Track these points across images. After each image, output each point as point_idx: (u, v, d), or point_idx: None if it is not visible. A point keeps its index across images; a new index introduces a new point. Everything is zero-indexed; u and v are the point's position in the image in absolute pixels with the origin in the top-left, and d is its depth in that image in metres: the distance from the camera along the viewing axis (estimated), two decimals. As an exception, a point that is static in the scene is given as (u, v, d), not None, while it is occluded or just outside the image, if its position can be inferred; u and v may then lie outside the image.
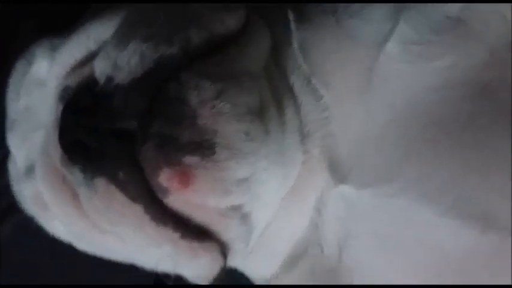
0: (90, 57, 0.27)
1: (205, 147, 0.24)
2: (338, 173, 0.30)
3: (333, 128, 0.30)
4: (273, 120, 0.28)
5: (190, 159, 0.24)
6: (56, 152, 0.26)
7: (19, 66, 0.32)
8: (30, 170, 0.31)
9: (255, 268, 0.35)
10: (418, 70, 0.29)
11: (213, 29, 0.27)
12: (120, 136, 0.25)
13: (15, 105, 0.32)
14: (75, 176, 0.26)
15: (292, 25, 0.32)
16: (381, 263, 0.30)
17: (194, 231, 0.27)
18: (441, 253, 0.29)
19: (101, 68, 0.25)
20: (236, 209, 0.27)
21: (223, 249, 0.28)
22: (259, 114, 0.27)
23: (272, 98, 0.29)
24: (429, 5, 0.28)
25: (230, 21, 0.28)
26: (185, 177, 0.24)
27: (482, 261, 0.28)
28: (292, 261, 0.33)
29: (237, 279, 0.37)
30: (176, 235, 0.26)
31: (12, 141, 0.32)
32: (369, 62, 0.29)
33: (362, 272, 0.31)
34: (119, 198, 0.25)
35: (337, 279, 0.32)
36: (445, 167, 0.28)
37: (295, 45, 0.31)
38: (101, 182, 0.25)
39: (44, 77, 0.30)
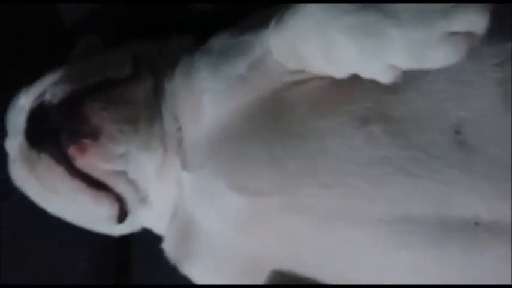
0: (43, 93, 0.47)
1: (93, 135, 0.44)
2: (182, 162, 0.48)
3: (182, 136, 0.48)
4: (143, 126, 0.47)
5: (85, 140, 0.44)
6: (23, 142, 0.47)
7: (14, 101, 0.51)
8: (14, 160, 0.50)
9: (155, 225, 0.53)
10: (220, 106, 0.46)
11: (108, 75, 0.48)
12: (53, 133, 0.45)
13: (10, 125, 0.51)
14: (32, 154, 0.46)
15: (167, 79, 0.50)
16: (204, 215, 0.48)
17: (96, 185, 0.47)
18: (229, 209, 0.45)
19: (47, 96, 0.46)
20: (122, 173, 0.47)
21: (119, 198, 0.48)
22: (132, 122, 0.46)
23: (146, 115, 0.48)
24: (225, 66, 0.46)
25: (121, 70, 0.49)
26: (82, 149, 0.44)
27: (245, 214, 0.45)
28: (172, 217, 0.51)
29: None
30: (83, 184, 0.46)
31: (8, 145, 0.51)
32: (198, 103, 0.47)
33: (201, 223, 0.48)
34: (52, 164, 0.45)
35: (191, 228, 0.49)
36: (229, 159, 0.45)
37: (166, 87, 0.50)
38: (43, 155, 0.46)
39: (23, 105, 0.49)
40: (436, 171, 0.40)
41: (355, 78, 0.42)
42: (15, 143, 0.49)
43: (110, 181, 0.47)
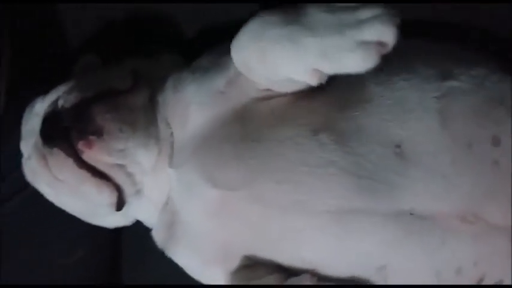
0: (56, 100, 0.55)
1: (98, 132, 0.53)
2: (169, 161, 0.55)
3: (173, 139, 0.55)
4: (139, 128, 0.54)
5: (91, 137, 0.52)
6: (39, 140, 0.55)
7: (28, 108, 0.59)
8: (29, 157, 0.57)
9: (147, 215, 0.60)
10: (203, 115, 0.53)
11: (111, 86, 0.57)
12: (65, 131, 0.53)
13: (25, 128, 0.59)
14: (46, 149, 0.53)
15: (160, 92, 0.57)
16: (185, 205, 0.55)
17: (99, 176, 0.55)
18: (204, 199, 0.52)
19: (60, 102, 0.54)
20: (121, 166, 0.55)
21: (118, 188, 0.56)
22: (131, 123, 0.54)
23: (143, 120, 0.55)
24: (207, 82, 0.54)
25: (122, 83, 0.58)
26: (89, 144, 0.52)
27: (217, 204, 0.52)
28: (163, 208, 0.57)
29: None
30: (89, 174, 0.54)
31: (23, 146, 0.58)
32: (185, 112, 0.54)
33: (182, 212, 0.55)
34: (63, 157, 0.54)
35: (175, 217, 0.56)
36: (204, 156, 0.52)
37: (159, 98, 0.57)
38: (56, 150, 0.54)
39: (39, 111, 0.56)
40: (374, 173, 0.47)
41: (309, 97, 0.51)
42: (30, 143, 0.57)
43: (111, 172, 0.55)
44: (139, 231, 0.62)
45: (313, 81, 0.47)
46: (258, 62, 0.48)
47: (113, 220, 0.62)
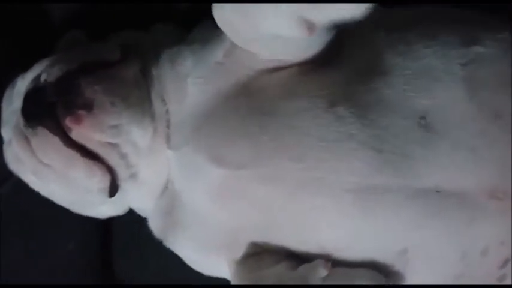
0: (39, 75, 0.50)
1: (87, 106, 0.48)
2: (168, 141, 0.51)
3: (169, 117, 0.52)
4: (133, 103, 0.50)
5: (80, 112, 0.47)
6: (20, 120, 0.50)
7: (8, 89, 0.54)
8: (10, 142, 0.52)
9: (142, 203, 0.55)
10: (202, 89, 0.50)
11: (99, 57, 0.52)
12: (49, 107, 0.48)
13: (6, 112, 0.54)
14: (28, 130, 0.49)
15: (154, 65, 0.53)
16: (187, 188, 0.51)
17: (90, 157, 0.50)
18: (209, 180, 0.49)
19: (43, 77, 0.49)
20: (114, 146, 0.50)
21: (111, 170, 0.51)
22: (123, 97, 0.49)
23: (137, 93, 0.51)
24: (206, 54, 0.50)
25: (111, 54, 0.53)
26: (78, 120, 0.47)
27: (223, 186, 0.48)
28: (161, 194, 0.54)
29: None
30: (78, 154, 0.49)
31: (4, 131, 0.53)
32: (183, 86, 0.51)
33: (185, 196, 0.51)
34: (48, 135, 0.48)
35: (177, 202, 0.52)
36: (208, 134, 0.49)
37: (154, 73, 0.53)
38: (40, 129, 0.48)
39: (20, 89, 0.51)
40: (397, 146, 0.45)
41: (320, 69, 0.48)
42: (10, 126, 0.52)
43: (103, 152, 0.50)
44: (130, 220, 0.59)
45: (303, 34, 0.42)
46: (240, 19, 0.44)
47: (104, 209, 0.57)
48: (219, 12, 0.45)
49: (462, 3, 0.52)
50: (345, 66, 0.48)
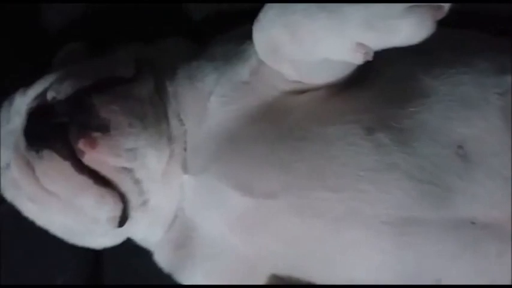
0: (44, 92, 0.46)
1: (103, 127, 0.43)
2: (184, 166, 0.48)
3: (186, 139, 0.48)
4: (150, 123, 0.46)
5: (94, 134, 0.43)
6: (22, 142, 0.45)
7: (4, 107, 0.49)
8: (7, 166, 0.47)
9: (148, 233, 0.51)
10: (225, 109, 0.47)
11: (113, 73, 0.47)
12: (58, 128, 0.44)
13: (1, 131, 0.49)
14: (31, 153, 0.44)
15: (169, 81, 0.50)
16: (206, 218, 0.48)
17: (103, 182, 0.45)
18: (233, 210, 0.46)
19: (50, 94, 0.45)
20: (128, 171, 0.46)
21: (123, 198, 0.46)
22: (140, 117, 0.46)
23: (153, 113, 0.47)
24: (229, 71, 0.47)
25: (125, 70, 0.48)
26: (92, 143, 0.43)
27: (247, 215, 0.45)
28: (171, 225, 0.50)
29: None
30: (90, 181, 0.44)
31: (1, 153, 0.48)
32: (203, 105, 0.48)
33: (202, 226, 0.48)
34: (57, 160, 0.44)
35: (192, 233, 0.49)
36: (233, 160, 0.46)
37: (169, 89, 0.49)
38: (46, 152, 0.44)
39: (19, 108, 0.47)
40: (437, 177, 0.43)
41: (348, 92, 0.45)
42: (8, 150, 0.47)
43: (116, 178, 0.46)
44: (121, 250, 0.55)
45: (358, 59, 0.40)
46: (290, 40, 0.41)
47: (104, 240, 0.52)
48: (266, 29, 0.42)
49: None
50: (376, 88, 0.46)
